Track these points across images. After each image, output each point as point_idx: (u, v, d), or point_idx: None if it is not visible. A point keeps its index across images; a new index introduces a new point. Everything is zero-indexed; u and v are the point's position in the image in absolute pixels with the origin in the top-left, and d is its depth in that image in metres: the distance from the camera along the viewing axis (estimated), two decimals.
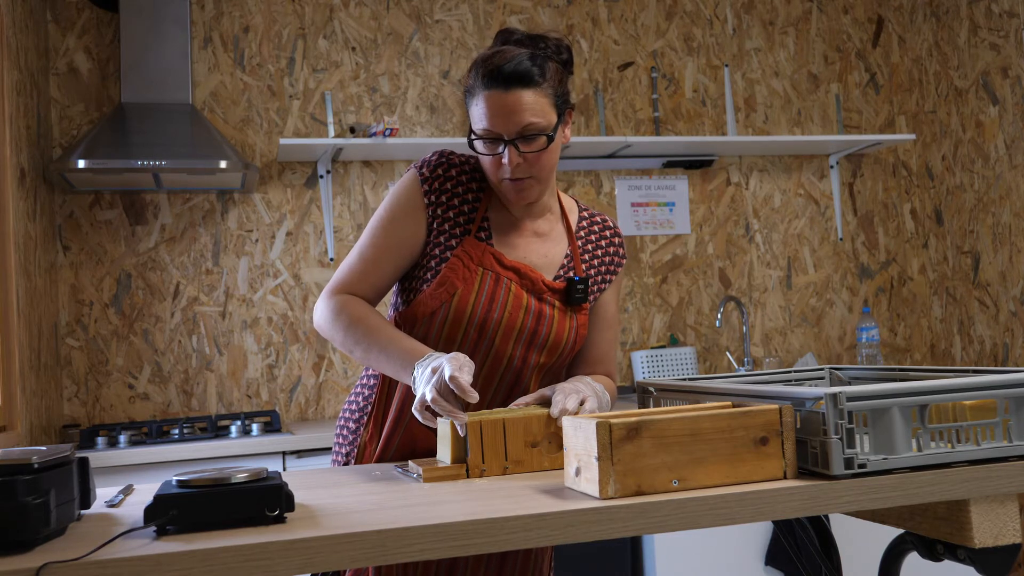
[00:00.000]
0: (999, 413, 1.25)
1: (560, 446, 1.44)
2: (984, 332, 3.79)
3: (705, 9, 4.00)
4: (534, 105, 1.54)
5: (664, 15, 3.95)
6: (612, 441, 1.15)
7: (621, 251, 1.78)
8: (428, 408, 1.42)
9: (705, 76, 3.97)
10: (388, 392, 1.66)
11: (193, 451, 2.79)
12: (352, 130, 3.35)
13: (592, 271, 1.72)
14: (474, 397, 1.38)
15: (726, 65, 3.99)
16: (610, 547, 3.04)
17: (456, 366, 1.39)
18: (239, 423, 3.06)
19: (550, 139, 1.56)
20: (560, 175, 3.79)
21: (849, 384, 1.71)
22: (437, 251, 1.62)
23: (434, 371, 1.42)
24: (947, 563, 1.33)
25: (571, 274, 1.69)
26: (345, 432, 1.73)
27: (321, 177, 3.55)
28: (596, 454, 1.15)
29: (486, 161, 1.59)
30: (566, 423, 1.24)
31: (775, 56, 4.06)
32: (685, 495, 1.15)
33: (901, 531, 1.34)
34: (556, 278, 1.67)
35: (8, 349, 2.62)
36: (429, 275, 1.62)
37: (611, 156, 3.77)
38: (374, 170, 3.62)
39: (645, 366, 3.65)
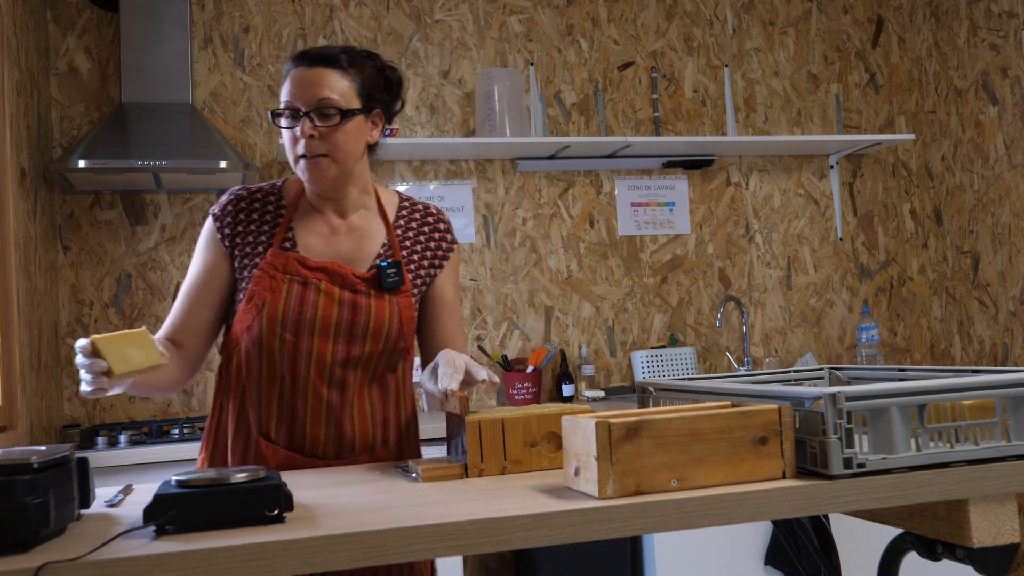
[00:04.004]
0: (998, 413, 1.25)
1: (559, 445, 1.44)
2: (984, 332, 3.79)
3: (705, 9, 4.00)
4: (333, 83, 1.61)
5: (664, 15, 3.95)
6: (611, 441, 1.16)
7: (449, 236, 1.80)
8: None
9: (705, 76, 3.97)
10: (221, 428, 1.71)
11: (193, 451, 2.79)
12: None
13: (416, 256, 1.75)
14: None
15: (726, 65, 3.99)
16: (610, 547, 3.04)
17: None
18: None
19: (344, 116, 1.61)
20: (560, 175, 3.79)
21: (848, 384, 1.71)
22: (246, 273, 1.67)
23: None
24: (946, 563, 1.33)
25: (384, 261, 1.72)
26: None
27: None
28: (595, 454, 1.15)
29: (286, 139, 1.64)
30: (565, 423, 1.25)
31: (775, 56, 4.06)
32: (684, 495, 1.15)
33: (900, 531, 1.34)
34: (371, 268, 1.70)
35: (8, 349, 2.62)
36: (241, 296, 1.67)
37: (611, 156, 3.77)
38: (374, 170, 3.62)
39: (645, 366, 3.65)
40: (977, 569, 1.22)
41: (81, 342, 1.36)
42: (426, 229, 1.78)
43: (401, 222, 1.77)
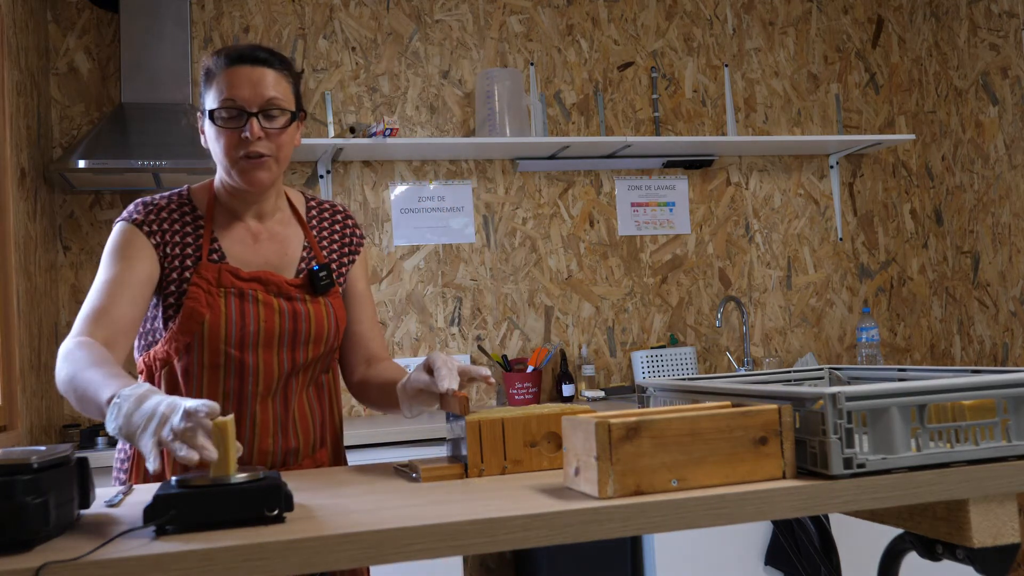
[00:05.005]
0: (998, 413, 1.25)
1: (559, 445, 1.44)
2: (984, 332, 3.79)
3: (705, 9, 4.00)
4: (278, 85, 1.57)
5: (664, 15, 3.95)
6: (611, 441, 1.15)
7: (357, 230, 1.79)
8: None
9: (705, 76, 3.97)
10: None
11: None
12: (352, 130, 3.35)
13: (334, 254, 1.74)
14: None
15: (726, 65, 3.99)
16: (610, 547, 3.04)
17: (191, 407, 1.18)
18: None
19: (292, 118, 1.58)
20: (560, 175, 3.79)
21: (848, 384, 1.71)
22: (173, 287, 1.58)
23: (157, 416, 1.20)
24: (946, 563, 1.32)
25: (312, 264, 1.70)
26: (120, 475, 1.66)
27: (321, 177, 3.55)
28: (595, 454, 1.15)
29: (224, 139, 1.55)
30: (565, 423, 1.25)
31: (775, 56, 4.06)
32: (684, 495, 1.15)
33: (900, 531, 1.34)
34: (299, 272, 1.68)
35: (8, 349, 2.62)
36: (171, 311, 1.58)
37: (611, 156, 3.77)
38: (374, 170, 3.62)
39: (645, 366, 3.65)
40: (977, 569, 1.22)
41: (207, 422, 1.17)
42: (337, 227, 1.77)
43: (314, 222, 1.75)
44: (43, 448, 1.14)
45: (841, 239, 4.06)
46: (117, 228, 1.60)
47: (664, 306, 3.86)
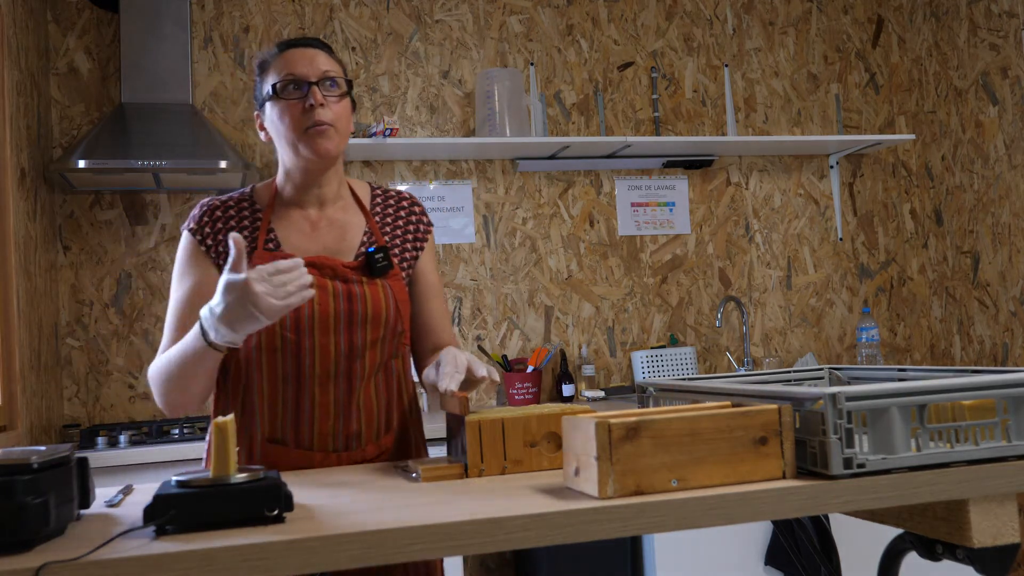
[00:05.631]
0: (998, 413, 1.25)
1: (559, 445, 1.44)
2: (984, 332, 3.79)
3: (705, 9, 4.00)
4: (330, 63, 1.66)
5: (664, 15, 3.95)
6: (611, 441, 1.15)
7: (424, 218, 1.81)
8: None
9: (705, 76, 3.97)
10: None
11: (193, 451, 2.79)
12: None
13: (397, 240, 1.76)
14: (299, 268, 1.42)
15: (726, 65, 3.99)
16: (610, 547, 3.04)
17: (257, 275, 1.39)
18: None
19: (348, 89, 1.66)
20: (560, 175, 3.79)
21: (848, 384, 1.71)
22: None
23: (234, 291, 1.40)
24: (946, 563, 1.33)
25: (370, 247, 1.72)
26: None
27: None
28: (595, 454, 1.15)
29: (288, 114, 1.62)
30: (565, 423, 1.25)
31: (775, 56, 4.06)
32: (684, 495, 1.15)
33: (900, 531, 1.34)
34: (358, 256, 1.70)
35: (8, 349, 2.62)
36: None
37: (611, 156, 3.77)
38: (374, 170, 3.62)
39: (645, 366, 3.65)
40: (977, 569, 1.22)
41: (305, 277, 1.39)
42: (402, 213, 1.79)
43: (377, 208, 1.77)
44: (43, 448, 1.14)
45: (841, 239, 4.06)
46: (182, 237, 1.72)
47: (664, 306, 3.86)
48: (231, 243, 1.40)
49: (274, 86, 1.63)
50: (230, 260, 1.40)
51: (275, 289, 1.38)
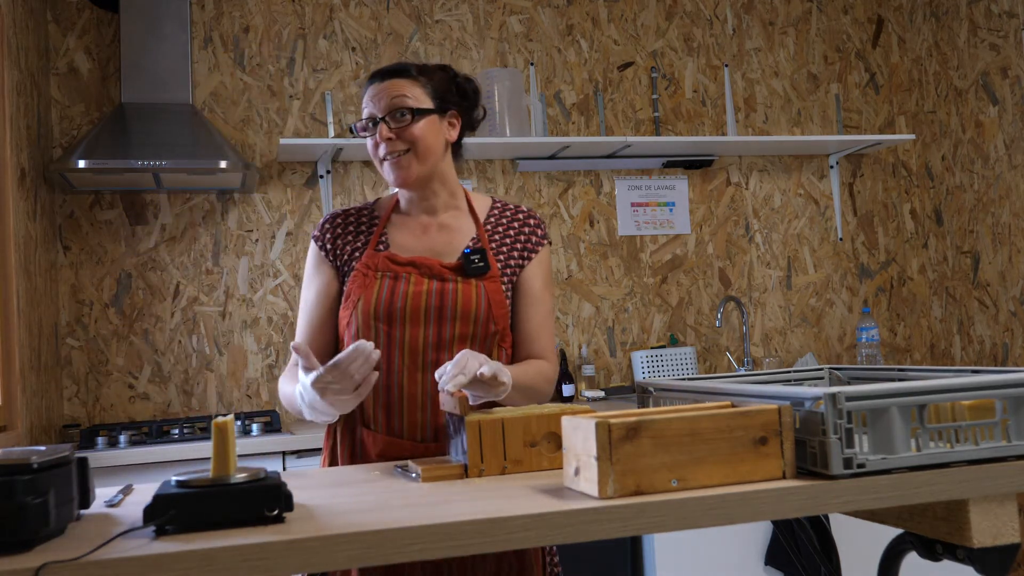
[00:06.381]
0: (998, 413, 1.25)
1: (559, 445, 1.44)
2: (984, 332, 3.79)
3: (705, 9, 4.00)
4: (403, 88, 1.74)
5: (664, 15, 3.95)
6: (611, 441, 1.15)
7: (539, 231, 1.85)
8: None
9: (705, 76, 3.97)
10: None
11: (193, 451, 2.79)
12: (352, 130, 3.35)
13: (504, 247, 1.80)
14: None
15: (726, 65, 3.99)
16: (610, 547, 3.04)
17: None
18: (239, 423, 3.06)
19: (415, 115, 1.72)
20: (560, 175, 3.79)
21: (848, 384, 1.71)
22: (348, 279, 1.78)
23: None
24: (946, 563, 1.32)
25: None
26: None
27: (321, 177, 3.55)
28: (595, 454, 1.15)
29: (369, 146, 1.77)
30: (565, 423, 1.25)
31: (775, 56, 4.06)
32: (684, 495, 1.15)
33: (900, 531, 1.34)
34: (459, 258, 1.77)
35: (8, 349, 2.62)
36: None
37: (611, 156, 3.77)
38: (374, 170, 3.62)
39: (645, 366, 3.65)
40: (977, 569, 1.22)
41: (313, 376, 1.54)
42: (516, 225, 1.84)
43: (492, 219, 1.83)
44: (43, 448, 1.14)
45: (841, 239, 4.06)
46: (311, 246, 1.86)
47: (664, 306, 3.86)
48: (292, 349, 1.57)
49: (354, 126, 1.80)
50: (301, 361, 1.57)
51: (342, 385, 1.52)
